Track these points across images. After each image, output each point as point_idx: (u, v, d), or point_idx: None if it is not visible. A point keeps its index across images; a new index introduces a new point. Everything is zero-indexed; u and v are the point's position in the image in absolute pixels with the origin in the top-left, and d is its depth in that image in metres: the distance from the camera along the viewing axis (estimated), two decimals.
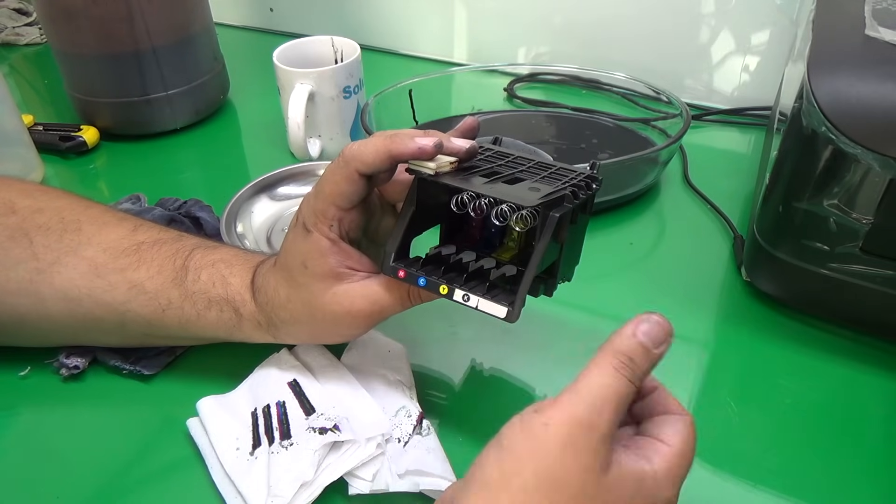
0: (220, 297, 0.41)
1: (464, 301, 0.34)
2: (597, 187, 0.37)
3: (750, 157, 0.71)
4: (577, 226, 0.37)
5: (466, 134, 0.39)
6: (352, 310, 0.38)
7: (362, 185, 0.36)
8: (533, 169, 0.38)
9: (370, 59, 0.75)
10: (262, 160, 0.72)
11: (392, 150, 0.35)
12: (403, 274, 0.36)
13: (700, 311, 0.51)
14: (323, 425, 0.38)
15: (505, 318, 0.33)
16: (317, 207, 0.37)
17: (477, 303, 0.33)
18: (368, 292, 0.37)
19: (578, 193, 0.35)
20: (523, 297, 0.33)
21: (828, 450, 0.41)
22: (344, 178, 0.36)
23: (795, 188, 0.45)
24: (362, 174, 0.36)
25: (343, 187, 0.36)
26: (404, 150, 0.34)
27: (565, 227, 0.35)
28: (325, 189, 0.37)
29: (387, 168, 0.36)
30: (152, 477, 0.40)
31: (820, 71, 0.43)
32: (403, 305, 0.38)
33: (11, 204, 0.44)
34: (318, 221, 0.37)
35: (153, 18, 0.69)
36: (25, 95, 0.88)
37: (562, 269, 0.37)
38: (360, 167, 0.35)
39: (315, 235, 0.37)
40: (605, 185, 0.39)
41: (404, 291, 0.37)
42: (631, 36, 0.81)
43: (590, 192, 0.37)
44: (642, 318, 0.30)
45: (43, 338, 0.46)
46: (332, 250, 0.37)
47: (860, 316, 0.48)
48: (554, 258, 0.36)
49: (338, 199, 0.36)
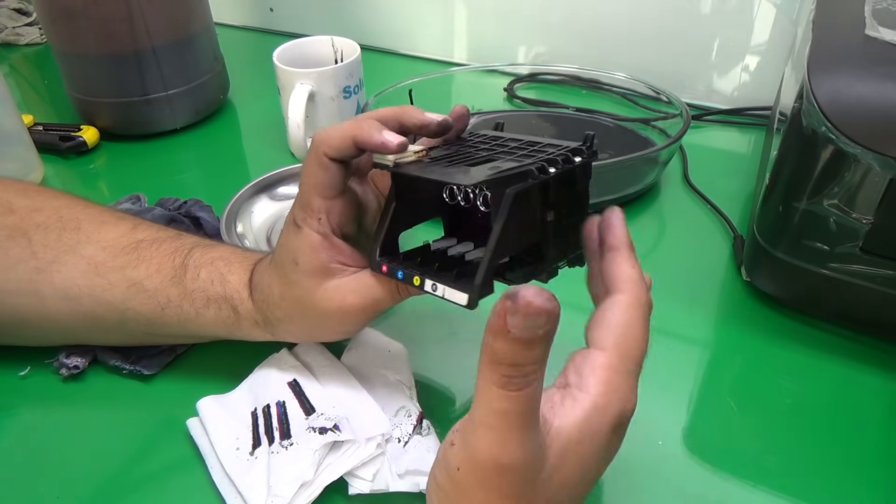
0: (218, 295, 0.41)
1: (433, 291, 0.33)
2: (581, 160, 0.34)
3: (750, 157, 0.71)
4: (567, 203, 0.34)
5: (456, 121, 0.38)
6: (343, 305, 0.37)
7: (336, 170, 0.36)
8: (515, 148, 0.35)
9: (370, 59, 0.75)
10: (262, 160, 0.72)
11: (356, 136, 0.34)
12: (386, 268, 0.35)
13: (700, 311, 0.51)
14: (323, 425, 0.38)
15: (466, 305, 0.32)
16: (302, 201, 0.37)
17: (443, 292, 0.33)
18: (359, 287, 0.37)
19: (548, 168, 0.32)
20: (483, 283, 0.31)
21: (827, 450, 0.41)
22: (316, 164, 0.36)
23: (795, 188, 0.45)
24: (332, 158, 0.35)
25: (318, 175, 0.36)
26: (368, 140, 0.34)
27: (527, 204, 0.32)
28: (304, 180, 0.37)
29: (354, 154, 0.35)
30: (152, 477, 0.40)
31: (820, 71, 0.43)
32: (394, 299, 0.37)
33: (9, 204, 0.44)
34: (307, 216, 0.37)
35: (153, 18, 0.69)
36: (25, 95, 0.88)
37: (553, 251, 0.34)
38: (327, 151, 0.35)
39: (305, 231, 0.37)
40: (605, 185, 0.38)
41: (394, 286, 0.37)
42: (631, 36, 0.81)
43: (569, 165, 0.33)
44: (508, 307, 0.23)
45: (43, 337, 0.46)
46: (322, 245, 0.37)
47: (860, 316, 0.48)
48: (533, 239, 0.33)
49: (317, 187, 0.36)
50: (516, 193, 0.31)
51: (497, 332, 0.24)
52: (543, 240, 0.34)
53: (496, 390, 0.24)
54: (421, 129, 0.36)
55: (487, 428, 0.24)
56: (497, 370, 0.24)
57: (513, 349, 0.24)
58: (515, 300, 0.23)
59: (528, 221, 0.33)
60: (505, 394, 0.24)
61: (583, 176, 0.34)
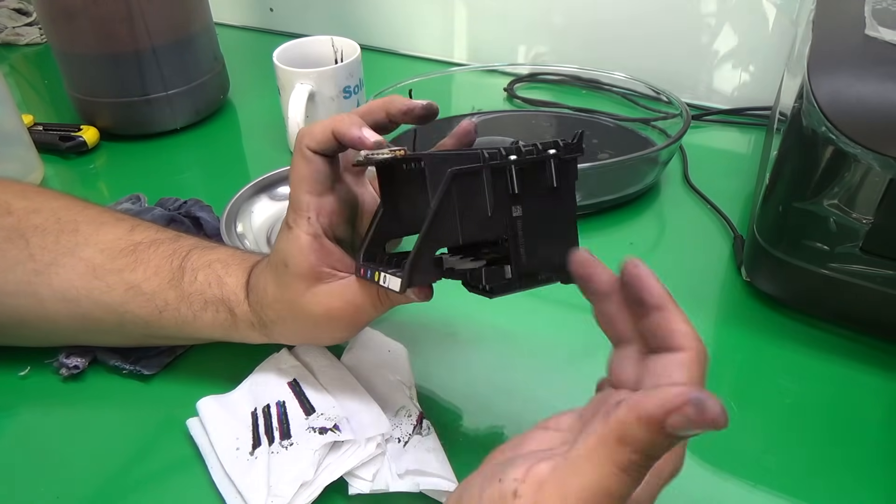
0: (215, 297, 0.41)
1: (382, 283, 0.33)
2: (554, 152, 0.31)
3: (750, 157, 0.71)
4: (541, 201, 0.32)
5: (461, 140, 0.38)
6: (330, 310, 0.37)
7: (321, 164, 0.36)
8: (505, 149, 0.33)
9: (370, 59, 0.75)
10: (262, 160, 0.72)
11: (335, 128, 0.35)
12: (363, 271, 0.35)
13: (700, 311, 0.51)
14: (323, 425, 0.38)
15: (398, 289, 0.31)
16: (292, 200, 0.37)
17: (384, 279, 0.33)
18: (345, 292, 0.37)
19: (505, 154, 0.30)
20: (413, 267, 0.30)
21: (827, 450, 0.41)
22: (300, 158, 0.36)
23: (795, 188, 0.45)
24: (315, 151, 0.36)
25: (302, 169, 0.36)
26: (346, 134, 0.35)
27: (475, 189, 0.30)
28: (291, 177, 0.37)
29: (335, 147, 0.36)
30: (152, 477, 0.40)
31: (820, 71, 0.43)
32: (375, 307, 0.36)
33: (7, 205, 0.44)
34: (297, 216, 0.36)
35: (153, 18, 0.69)
36: (25, 95, 0.88)
37: (525, 254, 0.32)
38: (309, 143, 0.36)
39: (296, 232, 0.36)
40: (604, 185, 0.38)
41: (374, 293, 0.36)
42: (631, 36, 0.81)
43: (532, 156, 0.31)
44: (687, 411, 0.20)
45: (43, 338, 0.46)
46: (312, 247, 0.36)
47: (860, 316, 0.48)
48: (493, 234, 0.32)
49: (304, 183, 0.36)
50: (458, 171, 0.30)
51: (650, 422, 0.21)
52: (510, 238, 0.32)
53: (612, 469, 0.22)
54: (406, 114, 0.36)
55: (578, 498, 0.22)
56: (624, 452, 0.22)
57: (655, 441, 0.21)
58: (704, 411, 0.20)
59: (479, 209, 0.31)
60: (620, 475, 0.22)
61: (562, 174, 0.32)
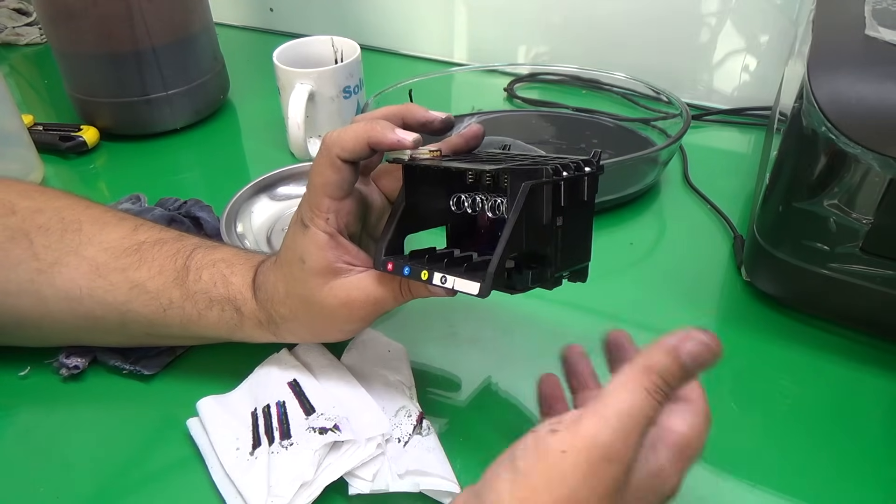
0: (221, 296, 0.41)
1: (442, 283, 0.34)
2: (590, 170, 0.35)
3: (750, 157, 0.71)
4: (575, 212, 0.35)
5: (470, 141, 0.39)
6: (347, 301, 0.38)
7: (348, 172, 0.36)
8: (525, 160, 0.36)
9: (370, 59, 0.75)
10: (262, 160, 0.72)
11: (371, 138, 0.35)
12: (391, 266, 0.36)
13: (700, 311, 0.51)
14: (323, 425, 0.38)
15: (477, 293, 0.32)
16: (311, 201, 0.37)
17: (453, 283, 0.33)
18: (364, 285, 0.37)
19: (560, 170, 0.34)
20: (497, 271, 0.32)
21: (827, 449, 0.41)
22: (327, 165, 0.36)
23: (795, 188, 0.45)
24: (344, 160, 0.36)
25: (329, 175, 0.36)
26: (383, 140, 0.35)
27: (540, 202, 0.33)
28: (313, 180, 0.37)
29: (367, 155, 0.36)
30: (152, 477, 0.40)
31: (820, 71, 0.43)
32: (396, 299, 0.37)
33: (11, 205, 0.44)
34: (314, 216, 0.37)
35: (153, 18, 0.69)
36: (25, 95, 0.88)
37: (559, 259, 0.35)
38: (340, 153, 0.35)
39: (312, 230, 0.37)
40: (605, 185, 0.39)
41: (397, 285, 0.37)
42: (631, 36, 0.81)
43: (579, 172, 0.35)
44: (688, 337, 0.28)
45: (44, 338, 0.46)
46: (329, 244, 0.37)
47: (860, 316, 0.48)
48: (540, 243, 0.34)
49: (327, 188, 0.36)
50: (532, 185, 0.32)
51: (670, 350, 0.28)
52: (552, 245, 0.35)
53: (642, 391, 0.27)
54: (424, 126, 0.36)
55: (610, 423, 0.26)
56: (650, 377, 0.27)
57: (672, 368, 0.27)
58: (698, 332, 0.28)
59: (538, 220, 0.33)
60: (647, 396, 0.27)
61: (590, 188, 0.36)
